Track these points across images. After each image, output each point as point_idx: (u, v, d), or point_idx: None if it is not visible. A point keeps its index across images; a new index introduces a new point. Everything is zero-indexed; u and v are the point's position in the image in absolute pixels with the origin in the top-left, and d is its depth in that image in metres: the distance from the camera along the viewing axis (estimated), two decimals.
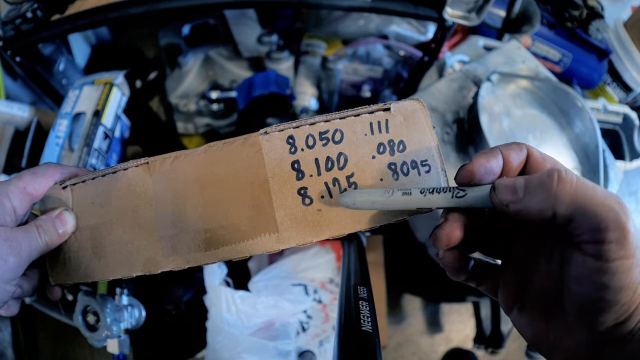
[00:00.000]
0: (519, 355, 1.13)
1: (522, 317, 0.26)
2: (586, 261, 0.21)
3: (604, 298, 0.21)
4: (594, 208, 0.20)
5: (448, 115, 0.73)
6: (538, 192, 0.22)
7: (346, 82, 1.04)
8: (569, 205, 0.21)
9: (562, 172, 0.21)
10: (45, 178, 0.34)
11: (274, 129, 0.30)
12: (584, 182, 0.21)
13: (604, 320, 0.22)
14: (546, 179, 0.22)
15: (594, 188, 0.21)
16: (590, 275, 0.21)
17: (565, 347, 0.24)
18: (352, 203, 0.28)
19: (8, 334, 0.71)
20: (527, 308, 0.26)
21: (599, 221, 0.20)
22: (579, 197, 0.21)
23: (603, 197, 0.20)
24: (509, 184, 0.23)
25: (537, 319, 0.25)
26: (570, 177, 0.21)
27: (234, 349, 0.62)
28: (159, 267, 0.32)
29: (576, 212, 0.21)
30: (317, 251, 0.78)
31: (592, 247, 0.21)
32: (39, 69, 0.71)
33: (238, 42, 1.01)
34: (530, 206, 0.22)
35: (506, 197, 0.23)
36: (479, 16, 0.69)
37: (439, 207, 0.26)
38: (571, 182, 0.21)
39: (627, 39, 0.94)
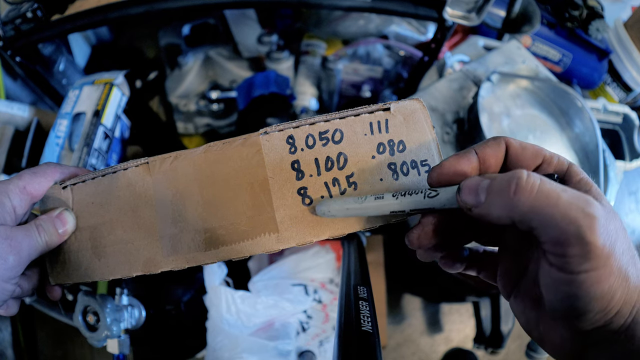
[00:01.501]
0: (519, 355, 1.13)
1: (517, 304, 0.26)
2: (552, 273, 0.21)
3: (574, 306, 0.20)
4: (554, 220, 0.19)
5: (448, 115, 0.73)
6: (497, 198, 0.21)
7: (346, 82, 1.04)
8: (527, 216, 0.20)
9: (521, 179, 0.20)
10: (45, 178, 0.34)
11: (274, 129, 0.30)
12: (546, 190, 0.20)
13: (580, 325, 0.21)
14: (505, 185, 0.20)
15: (557, 196, 0.19)
16: (557, 285, 0.21)
17: (552, 340, 0.23)
18: (328, 211, 0.28)
19: (8, 334, 0.71)
20: (522, 296, 0.25)
21: (559, 235, 0.19)
22: (539, 207, 0.19)
23: (565, 208, 0.19)
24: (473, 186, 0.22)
25: (529, 308, 0.25)
26: (532, 185, 0.20)
27: (234, 349, 0.62)
28: (159, 267, 0.32)
29: (535, 223, 0.20)
30: (317, 251, 0.78)
31: (555, 259, 0.20)
32: (39, 69, 0.71)
33: (238, 42, 1.01)
34: (490, 212, 0.21)
35: (468, 200, 0.22)
36: (479, 16, 0.69)
37: (412, 209, 0.25)
38: (531, 191, 0.20)
39: (627, 39, 0.94)
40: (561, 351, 0.23)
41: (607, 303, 0.20)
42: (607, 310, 0.20)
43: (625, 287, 0.20)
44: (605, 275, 0.19)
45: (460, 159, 0.24)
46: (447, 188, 0.24)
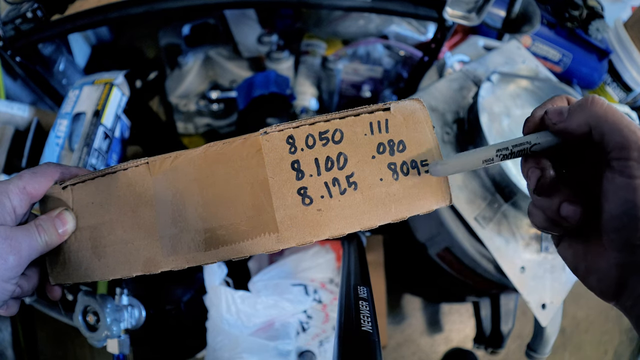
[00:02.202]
0: (519, 355, 1.13)
1: (564, 241, 0.29)
2: (615, 178, 0.24)
3: (630, 214, 0.23)
4: (620, 127, 0.23)
5: (448, 115, 0.73)
6: (577, 112, 0.26)
7: (346, 82, 1.04)
8: (600, 121, 0.24)
9: (595, 97, 0.25)
10: (45, 178, 0.34)
11: (274, 129, 0.30)
12: (613, 107, 0.25)
13: (630, 236, 0.23)
14: (583, 101, 0.26)
15: (621, 115, 0.24)
16: (617, 192, 0.24)
17: (598, 269, 0.26)
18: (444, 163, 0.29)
19: (8, 334, 0.71)
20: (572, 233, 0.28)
21: (623, 139, 0.23)
22: (609, 116, 0.24)
23: (627, 121, 0.24)
24: (557, 109, 0.27)
25: (578, 242, 0.28)
26: (602, 101, 0.25)
27: (234, 349, 0.62)
28: (159, 267, 0.32)
29: (606, 128, 0.24)
30: (317, 251, 0.78)
31: (618, 163, 0.23)
32: (39, 69, 0.71)
33: (238, 42, 1.01)
34: (572, 124, 0.26)
35: (554, 118, 0.27)
36: (479, 16, 0.69)
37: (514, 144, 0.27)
38: (602, 104, 0.25)
39: (627, 39, 0.94)
40: (606, 280, 0.25)
41: None
42: None
43: None
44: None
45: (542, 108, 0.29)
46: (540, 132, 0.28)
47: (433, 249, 0.80)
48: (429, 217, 0.74)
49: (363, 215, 0.30)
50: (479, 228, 0.65)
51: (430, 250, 0.82)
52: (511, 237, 0.65)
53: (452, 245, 0.72)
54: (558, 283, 0.64)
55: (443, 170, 0.29)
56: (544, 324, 0.63)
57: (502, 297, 0.87)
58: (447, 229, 0.69)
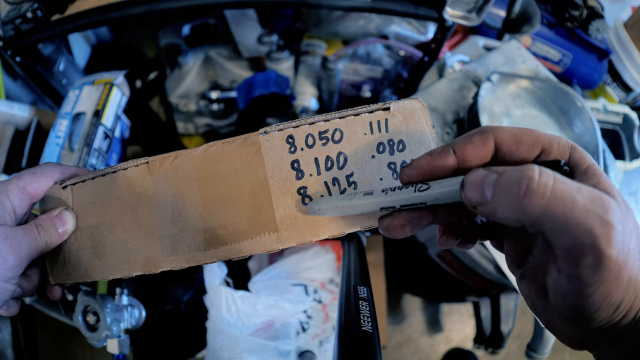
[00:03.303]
0: (519, 355, 1.13)
1: (523, 287, 0.24)
2: (560, 280, 0.20)
3: (580, 313, 0.20)
4: (567, 228, 0.18)
5: (448, 115, 0.73)
6: (505, 198, 0.19)
7: (346, 82, 1.04)
8: (538, 221, 0.18)
9: (533, 180, 0.18)
10: (45, 178, 0.34)
11: (274, 129, 0.30)
12: (560, 192, 0.18)
13: (585, 327, 0.21)
14: (514, 185, 0.18)
15: (573, 199, 0.18)
16: (564, 292, 0.20)
17: (559, 329, 0.23)
18: (318, 209, 0.28)
19: (8, 334, 0.71)
20: (527, 280, 0.24)
21: (572, 244, 0.18)
22: (552, 212, 0.18)
23: (581, 213, 0.17)
24: (478, 181, 0.20)
25: (535, 293, 0.24)
26: (544, 186, 0.18)
27: (234, 349, 0.62)
28: (159, 267, 0.32)
29: (547, 228, 0.18)
30: (317, 251, 0.78)
31: (565, 267, 0.19)
32: (39, 69, 0.71)
33: (238, 42, 1.01)
34: (497, 212, 0.19)
35: (473, 198, 0.20)
36: (479, 16, 0.69)
37: (403, 204, 0.24)
38: (543, 194, 0.18)
39: (627, 39, 0.94)
40: (567, 341, 0.23)
41: (613, 311, 0.19)
42: (612, 318, 0.20)
43: (633, 294, 0.19)
44: (615, 287, 0.18)
45: (434, 158, 0.23)
46: (441, 181, 0.22)
47: (433, 249, 0.80)
48: None
49: (363, 215, 0.30)
50: None
51: (430, 250, 0.82)
52: None
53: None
54: None
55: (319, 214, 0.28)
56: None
57: (502, 297, 0.87)
58: None
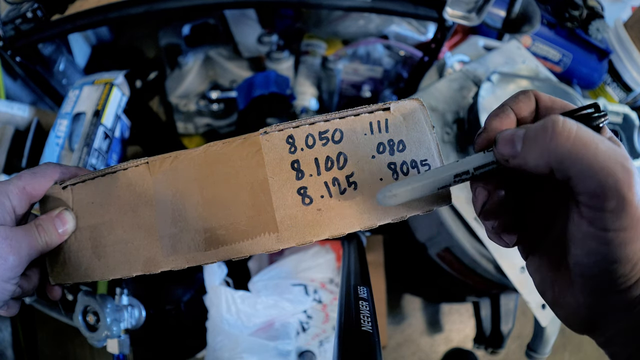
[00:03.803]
0: (519, 355, 1.13)
1: (533, 263, 0.25)
2: (583, 226, 0.19)
3: (601, 266, 0.20)
4: (592, 170, 0.18)
5: (448, 115, 0.73)
6: (534, 145, 0.20)
7: (346, 82, 1.04)
8: (564, 163, 0.19)
9: (558, 123, 0.19)
10: (45, 178, 0.34)
11: (274, 129, 0.30)
12: (584, 136, 0.18)
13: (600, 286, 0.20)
14: (541, 130, 0.19)
15: (596, 144, 0.18)
16: (586, 241, 0.20)
17: (566, 304, 0.23)
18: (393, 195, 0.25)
19: (8, 334, 0.71)
20: (540, 255, 0.25)
21: (596, 186, 0.18)
22: (577, 154, 0.18)
23: (605, 158, 0.18)
24: (508, 137, 0.21)
25: (546, 268, 0.24)
26: (569, 129, 0.19)
27: (234, 349, 0.62)
28: (159, 267, 0.32)
29: (573, 171, 0.19)
30: (317, 251, 0.78)
31: (588, 211, 0.19)
32: (39, 69, 0.71)
33: (238, 42, 1.01)
34: (527, 161, 0.20)
35: (505, 151, 0.21)
36: (479, 16, 0.69)
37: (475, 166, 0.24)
38: (568, 136, 0.18)
39: (627, 39, 0.94)
40: (574, 316, 0.23)
41: (631, 267, 0.19)
42: (630, 275, 0.19)
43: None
44: (634, 238, 0.18)
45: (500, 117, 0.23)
46: None
47: (433, 249, 0.80)
48: (429, 217, 0.74)
49: (363, 215, 0.30)
50: (479, 228, 0.65)
51: (430, 250, 0.82)
52: None
53: (452, 245, 0.72)
54: None
55: (393, 201, 0.26)
56: (544, 324, 0.63)
57: (502, 297, 0.87)
58: (447, 229, 0.69)
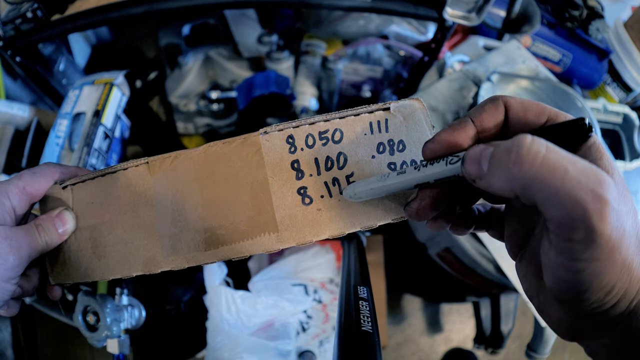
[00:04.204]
0: (519, 355, 1.13)
1: (521, 268, 0.24)
2: (551, 252, 0.19)
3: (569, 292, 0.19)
4: (558, 199, 0.17)
5: (448, 115, 0.73)
6: (498, 168, 0.18)
7: (346, 82, 1.04)
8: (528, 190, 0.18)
9: (523, 147, 0.17)
10: (45, 178, 0.34)
11: (274, 129, 0.30)
12: (553, 160, 0.17)
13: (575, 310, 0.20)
14: (505, 153, 0.18)
15: (565, 169, 0.17)
16: (555, 268, 0.19)
17: (550, 315, 0.22)
18: (354, 194, 0.28)
19: (8, 334, 0.71)
20: (526, 260, 0.24)
21: (562, 216, 0.17)
22: (542, 180, 0.17)
23: (573, 186, 0.17)
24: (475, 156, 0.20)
25: (532, 274, 0.23)
26: (535, 152, 0.17)
27: (234, 349, 0.62)
28: (158, 267, 0.32)
29: (538, 198, 0.18)
30: (317, 251, 0.78)
31: (556, 240, 0.18)
32: (39, 69, 0.71)
33: (238, 42, 1.01)
34: (491, 184, 0.19)
35: (472, 171, 0.20)
36: (479, 16, 0.69)
37: (436, 179, 0.23)
38: (533, 161, 0.17)
39: (627, 39, 0.94)
40: (558, 328, 0.22)
41: (604, 295, 0.19)
42: (604, 302, 0.19)
43: (626, 280, 0.18)
44: (607, 268, 0.18)
45: (455, 130, 0.22)
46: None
47: (433, 249, 0.80)
48: None
49: (363, 215, 0.30)
50: None
51: (430, 250, 0.82)
52: None
53: (452, 245, 0.72)
54: None
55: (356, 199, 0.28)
56: (544, 324, 0.63)
57: (502, 297, 0.87)
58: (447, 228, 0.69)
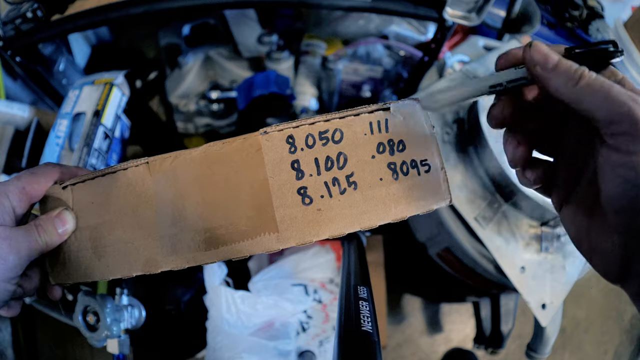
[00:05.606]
0: (519, 355, 1.13)
1: (568, 214, 0.27)
2: (610, 155, 0.22)
3: (630, 195, 0.21)
4: (607, 101, 0.21)
5: (448, 115, 0.73)
6: (562, 75, 0.23)
7: (346, 82, 1.04)
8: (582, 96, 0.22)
9: (585, 71, 0.23)
10: (45, 178, 0.34)
11: (274, 129, 0.30)
12: (602, 80, 0.22)
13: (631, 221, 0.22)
14: (570, 70, 0.23)
15: (611, 85, 0.22)
16: (614, 170, 0.22)
17: (602, 249, 0.24)
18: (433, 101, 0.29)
19: (8, 334, 0.71)
20: (575, 205, 0.26)
21: (611, 113, 0.21)
22: (594, 88, 0.22)
23: (617, 94, 0.21)
24: (544, 52, 0.24)
25: (581, 216, 0.26)
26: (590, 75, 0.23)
27: (234, 349, 0.62)
28: (159, 267, 0.32)
29: (589, 103, 0.22)
30: (317, 251, 0.78)
31: (610, 138, 0.22)
32: (39, 69, 0.71)
33: (238, 42, 1.01)
34: (551, 82, 0.24)
35: (538, 58, 0.24)
36: (479, 16, 0.69)
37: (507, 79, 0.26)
38: (589, 77, 0.22)
39: (627, 39, 0.94)
40: (609, 263, 0.24)
41: None
42: None
43: None
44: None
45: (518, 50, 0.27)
46: None
47: (433, 249, 0.80)
48: (429, 217, 0.74)
49: (363, 215, 0.30)
50: (479, 228, 0.65)
51: (430, 250, 0.82)
52: (511, 237, 0.65)
53: (452, 245, 0.72)
54: (558, 283, 0.64)
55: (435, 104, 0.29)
56: (544, 324, 0.63)
57: (502, 297, 0.87)
58: (447, 229, 0.69)
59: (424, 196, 0.30)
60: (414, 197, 0.30)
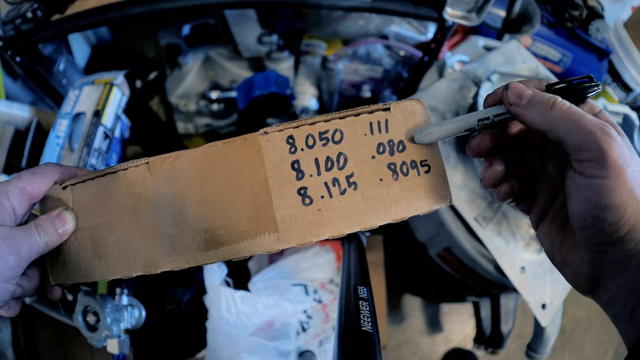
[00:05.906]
0: (519, 355, 1.13)
1: (543, 229, 0.29)
2: (576, 178, 0.24)
3: (592, 214, 0.23)
4: (577, 130, 0.23)
5: (448, 115, 0.73)
6: (536, 106, 0.25)
7: (346, 82, 1.04)
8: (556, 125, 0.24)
9: (557, 99, 0.25)
10: (45, 178, 0.34)
11: (274, 129, 0.30)
12: (575, 109, 0.24)
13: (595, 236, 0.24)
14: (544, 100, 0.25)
15: (582, 114, 0.24)
16: (578, 191, 0.24)
17: (572, 262, 0.26)
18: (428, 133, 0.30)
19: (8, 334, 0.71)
20: (549, 221, 0.29)
21: (579, 142, 0.23)
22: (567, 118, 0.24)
23: (588, 123, 0.23)
24: (519, 90, 0.27)
25: (554, 231, 0.28)
26: (563, 104, 0.25)
27: (234, 349, 0.62)
28: (159, 267, 0.32)
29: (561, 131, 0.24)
30: (317, 251, 0.78)
31: (577, 164, 0.24)
32: (39, 69, 0.71)
33: (238, 42, 1.01)
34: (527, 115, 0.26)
35: (512, 98, 0.27)
36: (479, 16, 0.69)
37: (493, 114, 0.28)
38: (562, 107, 0.25)
39: (627, 39, 0.94)
40: (579, 274, 0.26)
41: (619, 216, 0.23)
42: (619, 224, 0.23)
43: (636, 207, 0.23)
44: (617, 187, 0.22)
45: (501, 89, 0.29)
46: None
47: (433, 249, 0.80)
48: (429, 217, 0.74)
49: (363, 215, 0.30)
50: (479, 228, 0.65)
51: (430, 250, 0.82)
52: (511, 237, 0.65)
53: (452, 245, 0.72)
54: (558, 283, 0.64)
55: (428, 138, 0.30)
56: (544, 324, 0.63)
57: (502, 297, 0.87)
58: (447, 229, 0.69)
59: (424, 196, 0.30)
60: (414, 197, 0.30)
